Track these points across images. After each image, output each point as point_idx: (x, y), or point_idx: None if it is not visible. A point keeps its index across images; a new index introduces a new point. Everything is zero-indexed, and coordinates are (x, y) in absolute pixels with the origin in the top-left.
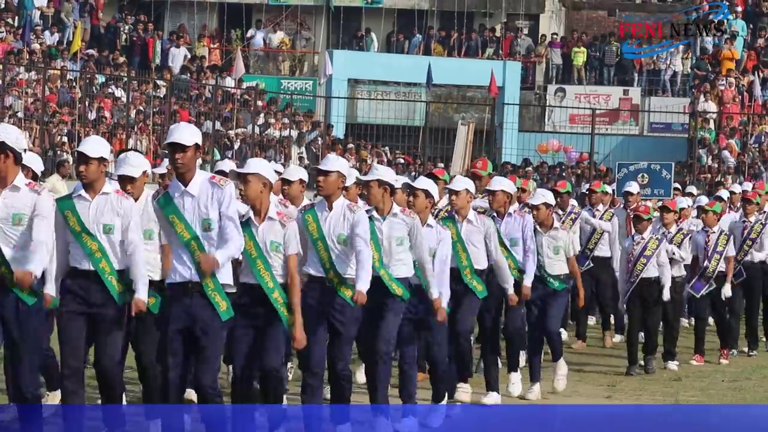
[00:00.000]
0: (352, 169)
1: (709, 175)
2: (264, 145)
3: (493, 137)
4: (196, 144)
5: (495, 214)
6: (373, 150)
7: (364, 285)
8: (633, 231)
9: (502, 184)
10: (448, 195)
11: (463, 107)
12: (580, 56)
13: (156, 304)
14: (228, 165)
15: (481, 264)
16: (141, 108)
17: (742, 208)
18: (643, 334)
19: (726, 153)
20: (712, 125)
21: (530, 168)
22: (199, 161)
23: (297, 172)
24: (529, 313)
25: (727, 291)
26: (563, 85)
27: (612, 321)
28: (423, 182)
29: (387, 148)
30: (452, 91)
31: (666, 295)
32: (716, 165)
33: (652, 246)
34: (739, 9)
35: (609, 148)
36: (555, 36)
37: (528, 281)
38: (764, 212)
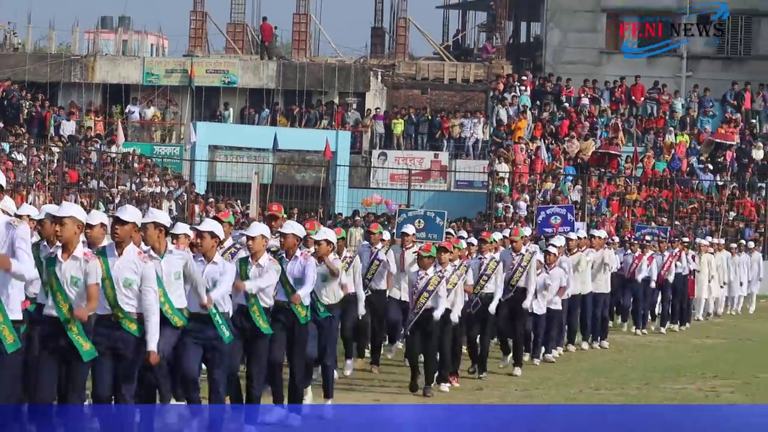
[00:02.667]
0: (184, 224)
1: (504, 223)
2: (139, 200)
3: (327, 192)
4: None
5: (284, 255)
6: (227, 202)
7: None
8: (406, 265)
9: (293, 227)
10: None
11: (303, 168)
12: (399, 126)
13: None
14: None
15: (267, 303)
16: (38, 169)
17: (478, 248)
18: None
19: (521, 203)
20: (506, 183)
21: (358, 218)
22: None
23: (97, 217)
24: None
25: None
26: (385, 150)
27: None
28: (208, 224)
29: (239, 201)
30: (294, 155)
31: (437, 316)
32: (509, 215)
33: (434, 281)
34: (528, 88)
35: (423, 201)
36: (378, 110)
37: (304, 296)
38: (521, 253)
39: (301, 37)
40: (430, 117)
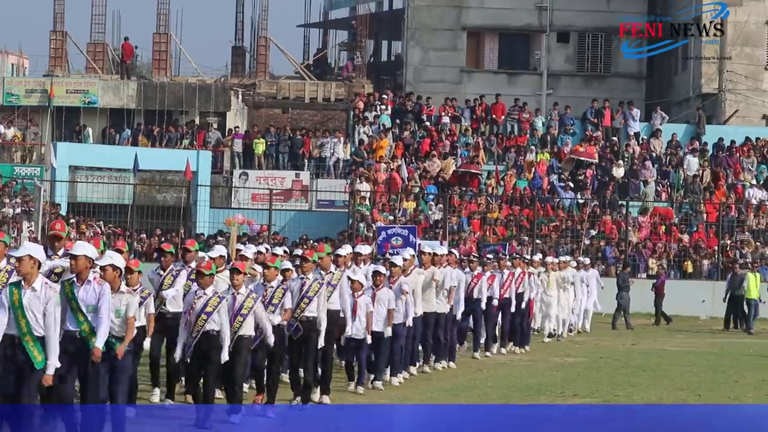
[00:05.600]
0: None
1: (366, 243)
2: (0, 221)
3: (189, 212)
4: None
5: (75, 278)
6: (89, 224)
7: (100, 342)
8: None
9: (85, 249)
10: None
11: (164, 188)
12: (260, 146)
13: None
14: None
15: (40, 332)
16: None
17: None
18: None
19: (379, 223)
20: (367, 202)
21: (221, 237)
22: None
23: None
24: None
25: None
26: (246, 170)
27: None
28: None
29: (101, 222)
30: (155, 175)
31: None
32: (371, 234)
33: (213, 302)
34: (389, 107)
35: (285, 221)
36: (238, 129)
37: (99, 342)
38: (330, 272)
39: (161, 57)
40: (291, 136)
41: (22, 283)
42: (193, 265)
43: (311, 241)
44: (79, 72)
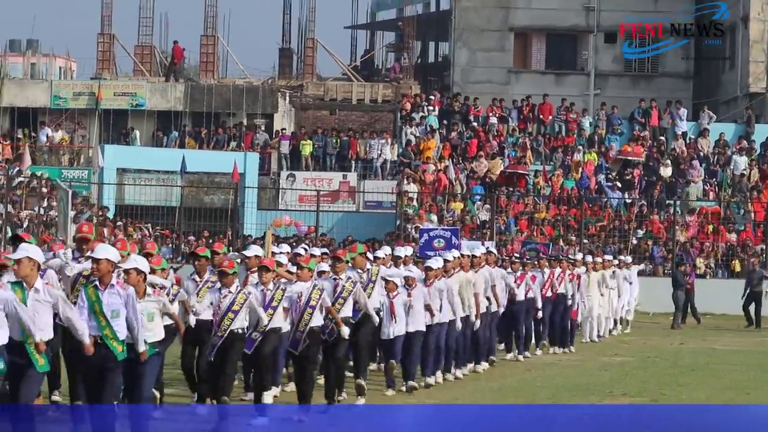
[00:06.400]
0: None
1: (414, 243)
2: (47, 224)
3: (236, 214)
4: None
5: (98, 282)
6: (137, 226)
7: (141, 346)
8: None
9: (107, 252)
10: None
11: (212, 190)
12: (307, 147)
13: None
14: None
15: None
16: None
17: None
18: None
19: (428, 224)
20: (415, 203)
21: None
22: None
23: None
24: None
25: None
26: (293, 171)
27: None
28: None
29: (149, 224)
30: (203, 177)
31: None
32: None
33: (240, 300)
34: (436, 108)
35: (332, 222)
36: (284, 131)
37: (141, 347)
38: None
39: (209, 59)
40: (338, 138)
41: (24, 285)
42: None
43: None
44: (126, 75)
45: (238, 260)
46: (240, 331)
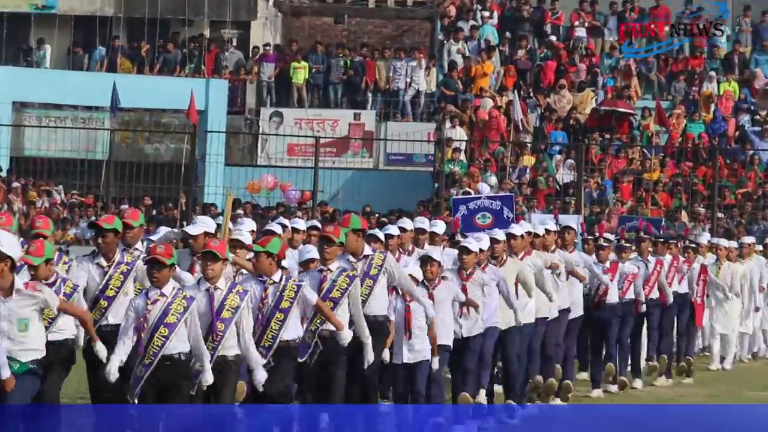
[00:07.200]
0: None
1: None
2: None
3: (193, 172)
4: None
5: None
6: (42, 189)
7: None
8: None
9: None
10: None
11: (157, 136)
12: (300, 72)
13: None
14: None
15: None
16: None
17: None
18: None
19: (483, 187)
20: (462, 156)
21: (240, 210)
22: None
23: None
24: None
25: None
26: (279, 109)
27: None
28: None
29: (61, 186)
30: (143, 116)
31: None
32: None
33: (176, 308)
34: (495, 14)
35: (338, 185)
36: (269, 48)
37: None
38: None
39: None
40: (347, 58)
41: None
42: (140, 248)
43: (377, 215)
44: None
45: (177, 241)
46: (183, 357)
